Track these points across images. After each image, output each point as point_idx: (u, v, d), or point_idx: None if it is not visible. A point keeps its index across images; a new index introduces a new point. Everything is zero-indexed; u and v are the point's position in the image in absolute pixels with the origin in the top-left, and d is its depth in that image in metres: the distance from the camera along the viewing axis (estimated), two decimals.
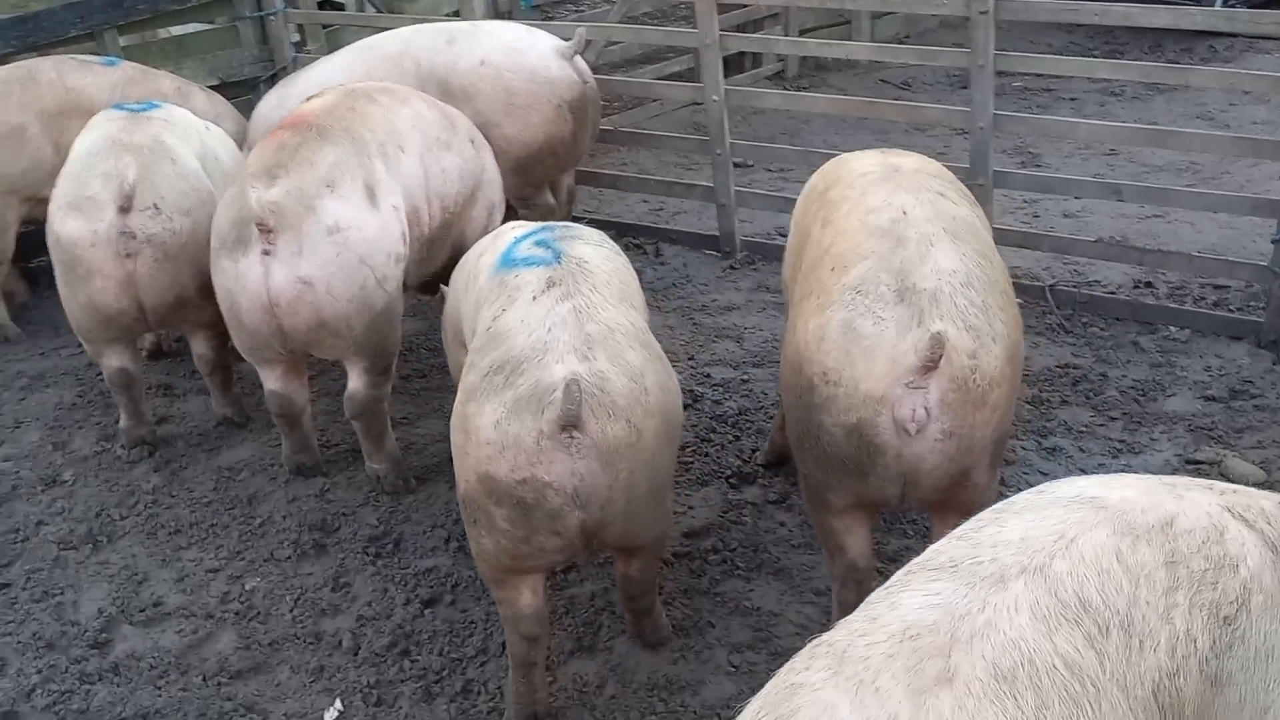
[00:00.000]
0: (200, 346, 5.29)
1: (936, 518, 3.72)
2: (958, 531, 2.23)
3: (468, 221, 5.33)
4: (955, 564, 2.10)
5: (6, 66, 6.52)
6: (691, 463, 5.16)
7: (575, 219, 7.18)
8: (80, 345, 5.65)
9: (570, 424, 3.32)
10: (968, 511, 3.52)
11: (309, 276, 4.42)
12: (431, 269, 5.18)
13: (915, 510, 4.61)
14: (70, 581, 4.58)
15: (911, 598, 2.04)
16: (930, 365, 3.26)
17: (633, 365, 3.51)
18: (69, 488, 5.12)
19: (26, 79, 6.32)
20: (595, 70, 6.66)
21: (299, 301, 4.45)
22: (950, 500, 3.54)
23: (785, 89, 10.21)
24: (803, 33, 10.23)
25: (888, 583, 2.17)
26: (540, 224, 4.20)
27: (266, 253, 4.41)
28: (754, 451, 5.18)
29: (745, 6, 9.30)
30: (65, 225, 4.91)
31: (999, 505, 2.29)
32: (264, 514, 4.91)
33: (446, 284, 4.67)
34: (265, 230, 4.37)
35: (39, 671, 4.15)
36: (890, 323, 3.36)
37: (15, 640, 4.29)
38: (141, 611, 4.43)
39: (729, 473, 5.07)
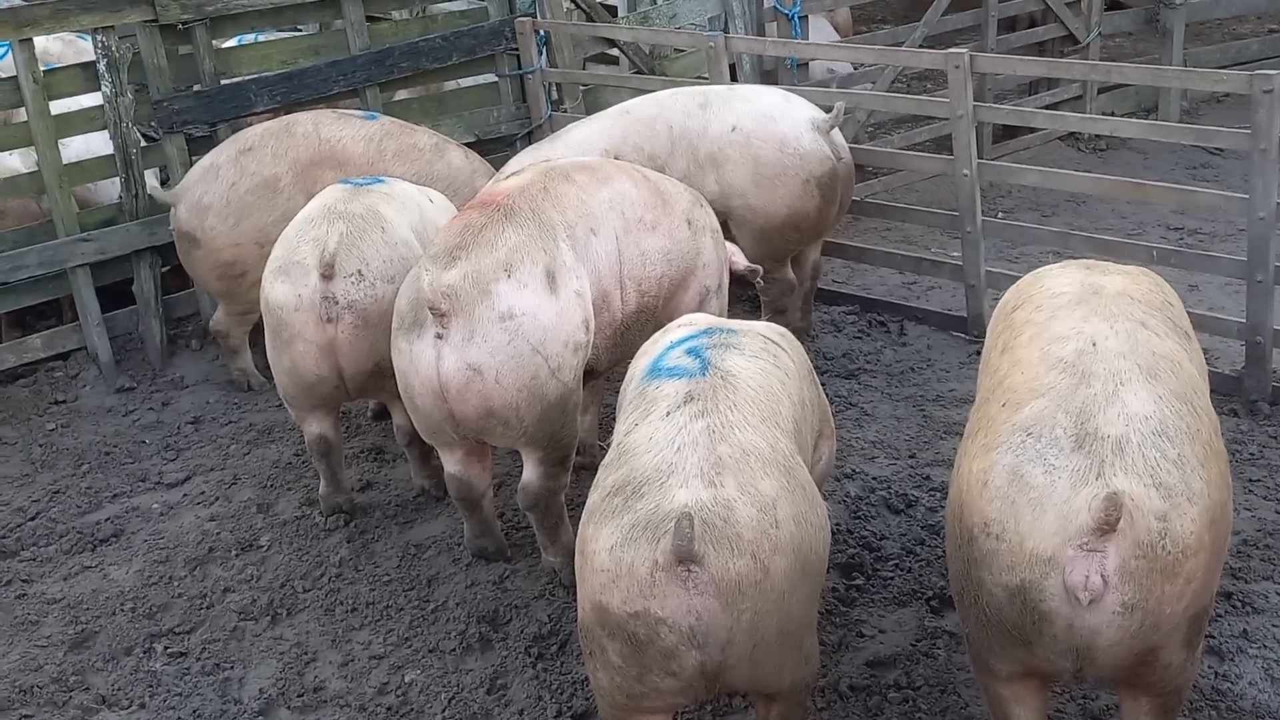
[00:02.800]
0: (399, 417, 5.22)
1: (1126, 696, 3.17)
2: None
3: (676, 307, 5.00)
4: None
5: (269, 121, 6.75)
6: (891, 578, 4.69)
7: (821, 291, 6.79)
8: None
9: (685, 558, 3.00)
10: (1162, 693, 3.00)
11: (478, 364, 4.26)
12: (625, 354, 4.91)
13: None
14: (242, 656, 4.57)
15: None
16: (1107, 527, 2.77)
17: (764, 495, 3.17)
18: (263, 554, 5.15)
19: (282, 131, 6.48)
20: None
21: (467, 389, 4.29)
22: (1137, 680, 3.00)
23: (1079, 150, 9.46)
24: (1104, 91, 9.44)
25: None
26: (706, 326, 3.86)
27: (439, 337, 4.28)
28: None
29: None
30: (274, 289, 4.96)
31: None
32: (440, 598, 4.77)
33: None
34: (438, 314, 4.24)
35: None
36: (1064, 473, 2.91)
37: (176, 716, 4.30)
38: (300, 696, 4.36)
39: (930, 594, 4.58)
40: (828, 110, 6.18)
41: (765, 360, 3.70)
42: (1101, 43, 9.54)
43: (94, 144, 6.79)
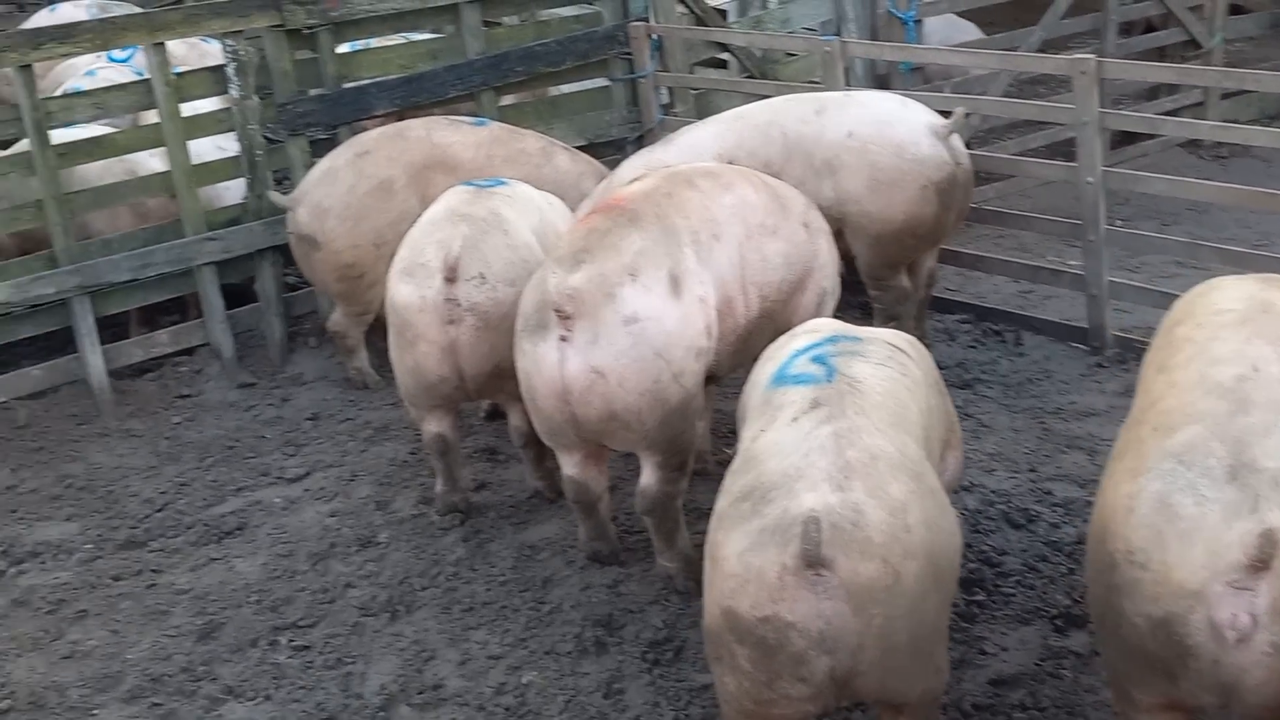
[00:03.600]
0: (516, 419, 5.27)
1: None
2: None
3: (795, 310, 5.03)
4: None
5: (384, 126, 6.86)
6: (1012, 595, 4.61)
7: (934, 298, 6.72)
8: None
9: (813, 561, 2.99)
10: None
11: (601, 366, 4.28)
12: (746, 359, 4.91)
13: None
14: (363, 651, 4.64)
15: None
16: (1260, 564, 2.68)
17: (895, 499, 3.14)
18: (381, 550, 5.22)
19: (396, 135, 6.61)
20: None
21: (590, 391, 4.32)
22: None
23: (1200, 157, 9.24)
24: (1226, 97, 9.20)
25: None
26: (831, 333, 3.84)
27: (563, 339, 4.31)
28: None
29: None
30: (399, 290, 5.04)
31: None
32: (554, 600, 4.80)
33: None
34: (563, 316, 4.28)
35: None
36: (1216, 505, 2.82)
37: (300, 709, 4.37)
38: (420, 694, 4.41)
39: (1055, 612, 4.50)
40: (946, 115, 6.11)
41: (892, 368, 3.67)
42: (1224, 47, 9.31)
43: (201, 147, 6.94)
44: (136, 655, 4.70)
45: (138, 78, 7.88)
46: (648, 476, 4.58)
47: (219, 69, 6.77)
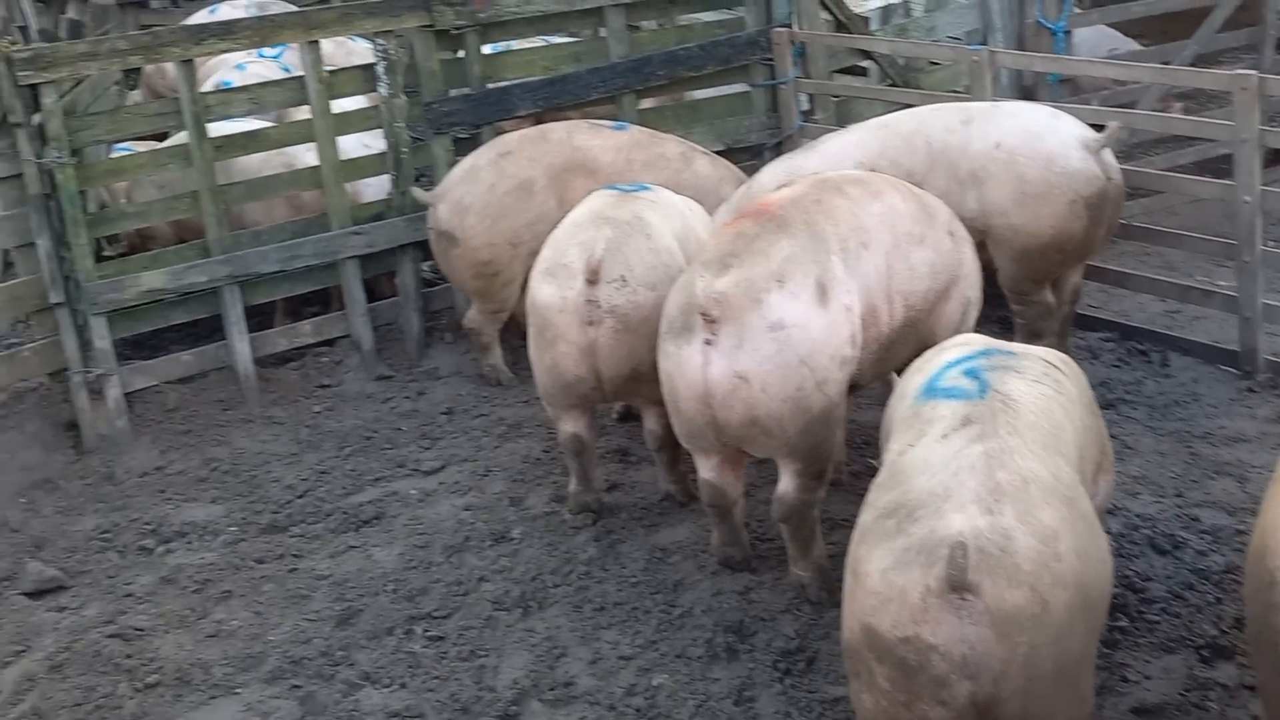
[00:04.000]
0: (651, 422, 5.28)
1: None
2: None
3: (939, 319, 4.99)
4: None
5: (527, 129, 6.94)
6: (1157, 622, 4.49)
7: (1078, 315, 6.57)
8: None
9: (958, 586, 2.95)
10: None
11: (745, 371, 4.28)
12: (889, 368, 4.88)
13: None
14: (496, 645, 4.69)
15: None
16: None
17: (1046, 525, 3.07)
18: (514, 546, 5.28)
19: (538, 137, 6.70)
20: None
21: (733, 396, 4.32)
22: None
23: None
24: None
25: None
26: (983, 347, 3.78)
27: (708, 342, 4.32)
28: (1236, 620, 4.42)
29: None
30: (540, 290, 5.10)
31: None
32: (686, 604, 4.80)
33: None
34: (709, 320, 4.29)
35: None
36: None
37: (435, 698, 4.44)
38: (552, 690, 4.45)
39: (1201, 642, 4.36)
40: (1096, 129, 5.98)
41: (1047, 385, 3.59)
42: None
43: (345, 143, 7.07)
44: (278, 637, 4.82)
45: (285, 73, 8.12)
46: (786, 483, 4.56)
47: (369, 67, 6.92)
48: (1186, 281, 6.76)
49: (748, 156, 7.62)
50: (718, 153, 7.22)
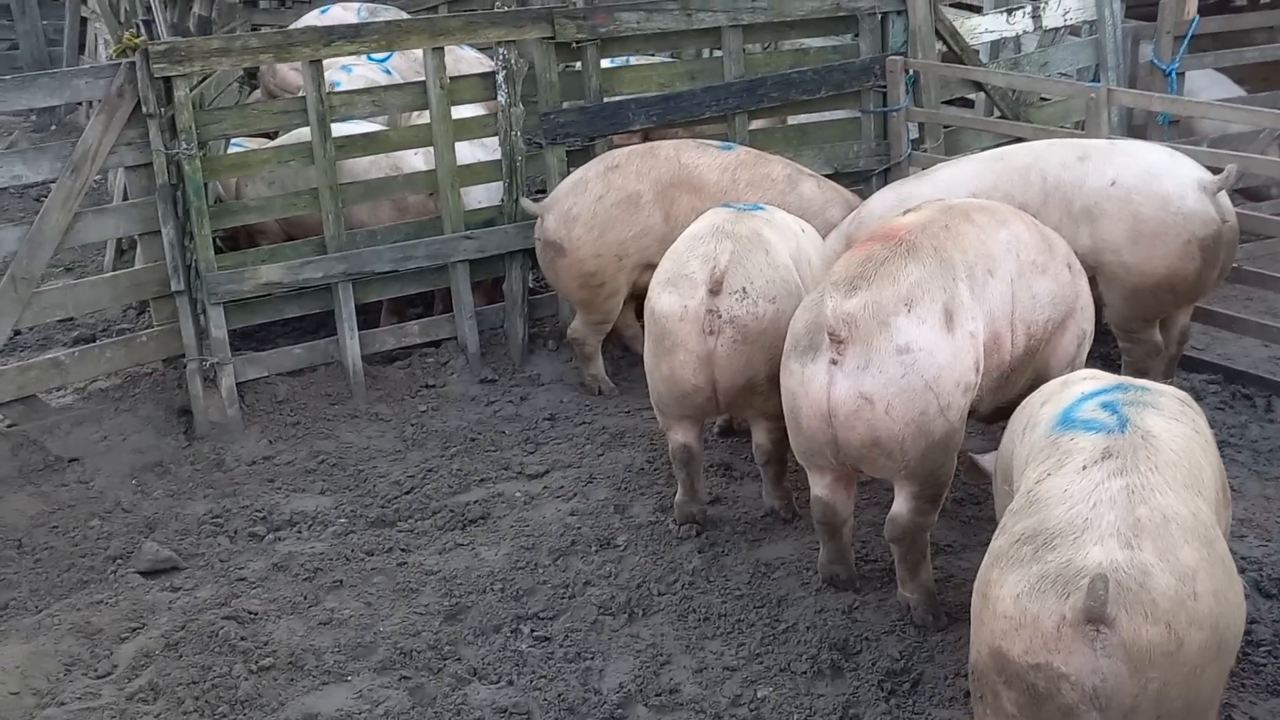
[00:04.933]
0: (760, 436, 5.34)
1: None
2: None
3: (1054, 350, 5.02)
4: None
5: (636, 145, 7.04)
6: (1263, 665, 4.48)
7: (1185, 359, 6.54)
8: None
9: (1095, 619, 3.00)
10: None
11: (870, 393, 4.33)
12: (1007, 397, 4.90)
13: None
14: (601, 648, 4.77)
15: None
16: None
17: (1184, 564, 3.11)
18: (619, 552, 5.35)
19: (647, 153, 6.80)
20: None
21: (856, 416, 4.37)
22: None
23: None
24: None
25: None
26: (1114, 382, 3.81)
27: (834, 362, 4.38)
28: None
29: None
30: (661, 299, 5.18)
31: None
32: (790, 619, 4.85)
33: None
34: (836, 340, 4.35)
35: None
36: None
37: (541, 697, 4.52)
38: (658, 695, 4.51)
39: None
40: (1214, 172, 5.96)
41: (1185, 424, 3.62)
42: None
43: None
44: (388, 628, 4.92)
45: (386, 76, 8.29)
46: (901, 505, 4.59)
47: (489, 75, 7.04)
48: None
49: (855, 181, 7.66)
50: (827, 177, 7.26)
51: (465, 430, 6.53)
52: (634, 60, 8.01)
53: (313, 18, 10.22)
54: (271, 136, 7.57)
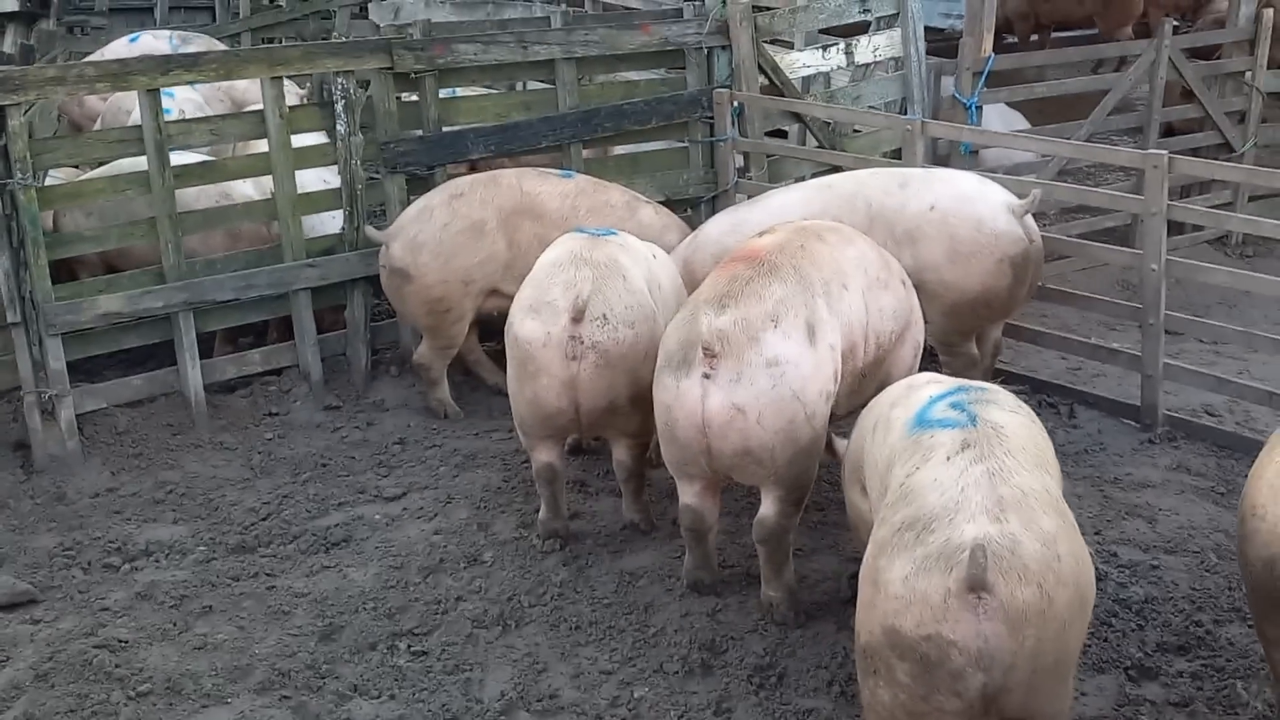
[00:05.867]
0: (621, 453, 5.56)
1: None
2: None
3: (896, 360, 5.44)
4: None
5: (478, 173, 7.21)
6: (1088, 646, 4.91)
7: (995, 370, 7.07)
8: (510, 431, 6.11)
9: (977, 586, 3.34)
10: None
11: (742, 404, 4.61)
12: (858, 401, 5.26)
13: None
14: (479, 659, 4.90)
15: None
16: None
17: (1046, 531, 3.51)
18: (487, 568, 5.48)
19: (490, 181, 6.97)
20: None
21: (729, 426, 4.64)
22: None
23: (1226, 253, 9.72)
24: (1253, 199, 9.71)
25: None
26: (955, 384, 4.24)
27: (707, 376, 4.64)
28: (1158, 645, 4.89)
29: None
30: (525, 326, 5.35)
31: None
32: (658, 624, 5.07)
33: None
34: (710, 355, 4.61)
35: None
36: None
37: (425, 708, 4.63)
38: (539, 701, 4.67)
39: (1128, 664, 4.81)
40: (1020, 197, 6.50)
41: (1024, 415, 4.08)
42: (1255, 153, 9.82)
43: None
44: (264, 650, 4.94)
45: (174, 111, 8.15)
46: (767, 508, 4.88)
47: (328, 105, 7.09)
48: (1098, 341, 7.33)
49: (684, 207, 7.97)
50: (659, 202, 7.55)
51: (314, 456, 6.54)
52: (460, 91, 8.16)
53: (121, 45, 10.04)
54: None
